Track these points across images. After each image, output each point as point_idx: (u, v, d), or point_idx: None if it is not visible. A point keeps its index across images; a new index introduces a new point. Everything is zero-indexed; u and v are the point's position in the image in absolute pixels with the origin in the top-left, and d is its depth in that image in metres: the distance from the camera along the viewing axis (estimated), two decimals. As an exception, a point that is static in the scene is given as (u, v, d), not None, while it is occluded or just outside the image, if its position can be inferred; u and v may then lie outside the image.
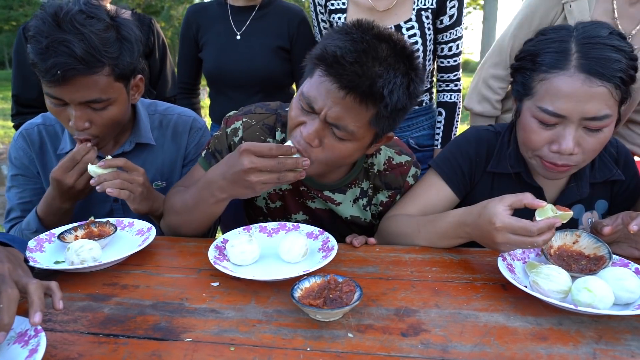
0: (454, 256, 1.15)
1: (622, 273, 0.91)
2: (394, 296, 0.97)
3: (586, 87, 1.01)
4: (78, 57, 1.11)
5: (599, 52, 1.01)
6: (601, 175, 1.23)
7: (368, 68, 0.98)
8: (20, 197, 1.39)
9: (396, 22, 1.73)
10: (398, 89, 1.01)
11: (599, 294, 0.85)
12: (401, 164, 1.30)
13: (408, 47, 1.06)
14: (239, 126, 1.27)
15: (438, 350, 0.80)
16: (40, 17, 1.13)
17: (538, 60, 1.08)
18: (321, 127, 1.05)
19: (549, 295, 0.90)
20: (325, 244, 1.14)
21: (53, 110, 1.23)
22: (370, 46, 1.00)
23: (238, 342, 0.83)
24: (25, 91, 2.02)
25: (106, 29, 1.17)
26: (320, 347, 0.81)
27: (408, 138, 1.86)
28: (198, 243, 1.23)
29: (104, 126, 1.25)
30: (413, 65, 1.06)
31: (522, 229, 0.94)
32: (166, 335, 0.85)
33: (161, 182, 1.47)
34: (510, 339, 0.83)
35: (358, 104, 1.01)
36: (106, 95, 1.20)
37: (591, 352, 0.79)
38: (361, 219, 1.34)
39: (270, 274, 1.04)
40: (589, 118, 1.02)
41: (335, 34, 1.05)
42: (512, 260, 1.06)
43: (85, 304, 0.96)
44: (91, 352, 0.81)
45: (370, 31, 1.03)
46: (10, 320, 0.74)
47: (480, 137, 1.29)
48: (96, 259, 1.07)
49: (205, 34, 2.01)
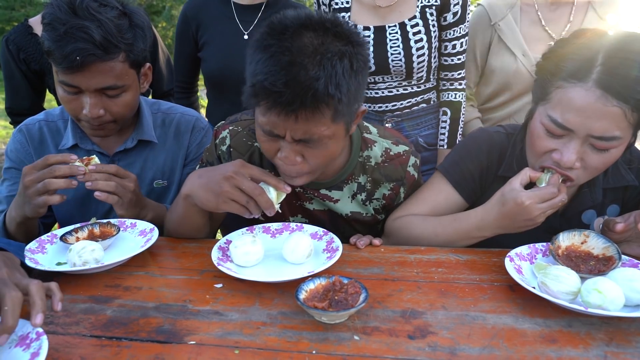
0: (460, 257, 1.14)
1: (633, 274, 0.90)
2: (400, 297, 0.96)
3: (600, 105, 0.96)
4: (97, 43, 1.14)
5: (624, 69, 0.95)
6: (615, 181, 1.20)
7: (303, 79, 0.91)
8: (10, 190, 1.38)
9: (400, 19, 1.71)
10: (342, 77, 0.94)
11: (609, 296, 0.84)
12: (399, 154, 1.27)
13: (329, 19, 0.98)
14: (226, 135, 1.27)
15: (446, 353, 0.79)
16: (56, 5, 1.15)
17: (561, 65, 1.02)
18: (295, 147, 1.03)
19: (558, 297, 0.88)
20: (330, 244, 1.13)
21: (65, 99, 1.23)
22: (294, 51, 0.92)
23: (242, 345, 0.82)
24: (17, 103, 2.03)
25: (119, 16, 1.20)
26: (326, 350, 0.80)
27: (417, 137, 1.83)
28: (201, 244, 1.22)
29: (117, 113, 1.27)
30: (344, 35, 0.97)
31: (547, 194, 1.02)
32: (169, 338, 0.84)
33: (162, 181, 1.47)
34: (519, 342, 0.82)
35: (313, 114, 0.95)
36: (121, 81, 1.23)
37: (602, 355, 0.78)
38: (362, 214, 1.31)
39: (274, 275, 1.03)
40: (596, 137, 0.99)
41: (255, 53, 0.97)
42: (519, 261, 1.04)
43: (87, 306, 0.95)
44: (93, 355, 0.80)
45: (285, 32, 0.95)
46: (14, 322, 0.73)
47: (492, 141, 1.25)
48: (98, 260, 1.06)
49: (206, 32, 1.92)
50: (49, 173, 1.11)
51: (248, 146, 1.27)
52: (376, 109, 1.80)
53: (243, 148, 1.27)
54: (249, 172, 1.07)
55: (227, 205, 1.06)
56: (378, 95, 1.79)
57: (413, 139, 1.83)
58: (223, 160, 1.28)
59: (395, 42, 1.69)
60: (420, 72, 1.75)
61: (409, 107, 1.80)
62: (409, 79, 1.75)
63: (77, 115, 1.25)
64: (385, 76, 1.75)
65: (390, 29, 1.70)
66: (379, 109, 1.80)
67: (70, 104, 1.23)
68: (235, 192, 1.04)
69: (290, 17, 0.97)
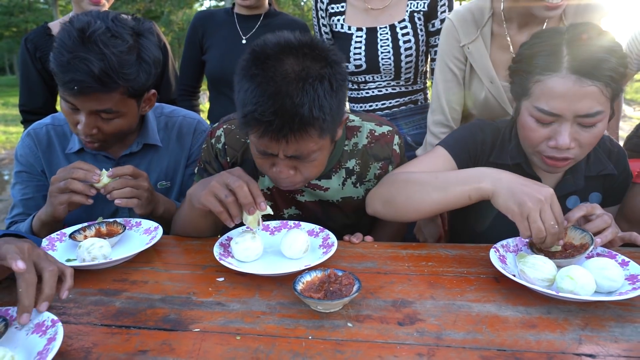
0: (449, 251, 1.20)
1: (605, 263, 0.97)
2: (391, 289, 1.02)
3: (577, 87, 1.07)
4: (95, 77, 1.17)
5: (588, 53, 1.07)
6: (595, 169, 1.30)
7: (289, 107, 0.99)
8: (23, 194, 1.45)
9: (390, 21, 1.85)
10: (324, 99, 1.02)
11: (580, 282, 0.92)
12: (384, 134, 1.32)
13: (306, 43, 1.04)
14: (221, 134, 1.34)
15: (432, 338, 0.85)
16: (68, 30, 1.18)
17: (533, 63, 1.14)
18: (287, 162, 1.11)
19: (534, 283, 0.96)
20: (326, 240, 1.19)
21: (65, 111, 1.29)
22: (277, 80, 0.99)
23: (244, 331, 0.87)
24: (31, 101, 2.10)
25: (128, 50, 1.21)
26: (322, 336, 0.86)
27: (405, 135, 1.95)
28: (203, 241, 1.28)
29: (109, 134, 1.31)
30: (322, 57, 1.04)
31: (560, 215, 1.00)
32: (175, 326, 0.90)
33: (165, 182, 1.53)
34: (501, 327, 0.88)
35: (301, 136, 1.03)
36: (117, 108, 1.26)
37: (577, 338, 0.84)
38: (353, 197, 1.36)
39: (273, 269, 1.09)
40: (582, 115, 1.09)
41: (242, 81, 1.04)
42: (505, 252, 1.11)
43: (97, 299, 1.00)
44: (105, 341, 0.85)
45: (268, 61, 1.01)
46: (30, 302, 0.80)
47: (487, 128, 1.35)
48: (106, 256, 1.12)
49: (210, 37, 2.14)
50: (69, 173, 1.19)
51: (241, 143, 1.33)
52: (366, 107, 1.94)
53: (237, 145, 1.33)
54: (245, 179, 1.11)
55: (208, 199, 1.09)
56: (368, 95, 1.92)
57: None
58: (220, 158, 1.34)
59: (385, 41, 1.82)
60: (408, 73, 1.88)
61: (397, 106, 1.93)
62: (397, 79, 1.88)
63: (73, 127, 1.31)
64: (375, 75, 1.88)
65: (381, 30, 1.84)
66: (369, 108, 1.94)
67: (69, 117, 1.29)
68: (219, 186, 1.09)
69: (271, 44, 1.04)
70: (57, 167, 1.42)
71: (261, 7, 2.15)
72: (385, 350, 0.82)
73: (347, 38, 1.88)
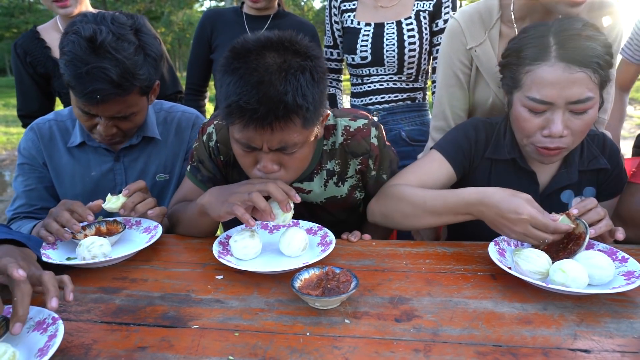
0: (447, 249, 1.21)
1: (591, 253, 1.01)
2: (389, 286, 1.03)
3: (567, 74, 1.10)
4: (114, 83, 1.21)
5: (575, 42, 1.10)
6: (589, 164, 1.32)
7: (273, 94, 1.00)
8: (25, 185, 1.48)
9: (397, 18, 1.92)
10: (307, 88, 1.03)
11: (571, 275, 0.94)
12: (360, 129, 1.30)
13: (286, 38, 1.06)
14: (212, 130, 1.33)
15: (429, 334, 0.86)
16: (76, 42, 1.19)
17: (522, 55, 1.17)
18: (271, 156, 1.11)
19: (527, 275, 0.98)
20: (324, 238, 1.20)
21: (81, 118, 1.33)
22: (260, 71, 1.00)
23: (242, 328, 0.88)
24: (27, 106, 2.12)
25: (135, 51, 1.25)
26: (319, 332, 0.87)
27: (400, 130, 2.01)
28: (202, 240, 1.29)
29: (128, 130, 1.40)
30: (302, 52, 1.06)
31: (543, 225, 1.02)
32: (174, 323, 0.91)
33: (164, 175, 1.56)
34: (497, 323, 0.88)
35: (286, 124, 1.04)
36: (133, 109, 1.32)
37: (572, 334, 0.85)
38: (337, 197, 1.36)
39: (272, 266, 1.10)
40: (574, 102, 1.11)
41: (224, 77, 1.06)
42: (504, 245, 1.14)
43: (97, 296, 1.01)
44: (105, 338, 0.86)
45: (250, 55, 1.03)
46: (24, 312, 0.80)
47: (480, 126, 1.37)
48: (106, 254, 1.13)
49: (218, 36, 2.15)
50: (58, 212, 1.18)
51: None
52: (366, 101, 2.00)
53: (228, 142, 1.31)
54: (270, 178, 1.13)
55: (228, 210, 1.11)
56: (370, 88, 1.98)
57: (396, 132, 2.00)
58: (213, 157, 1.34)
59: (391, 36, 1.90)
60: (411, 68, 1.93)
61: (396, 101, 1.98)
62: (400, 73, 1.94)
63: (90, 130, 1.35)
64: (379, 68, 1.94)
65: (387, 25, 1.92)
66: (369, 101, 2.00)
67: (86, 123, 1.34)
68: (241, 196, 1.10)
69: (251, 41, 1.06)
70: (58, 160, 1.48)
71: (271, 8, 2.15)
72: (382, 346, 0.83)
73: (356, 32, 1.96)
